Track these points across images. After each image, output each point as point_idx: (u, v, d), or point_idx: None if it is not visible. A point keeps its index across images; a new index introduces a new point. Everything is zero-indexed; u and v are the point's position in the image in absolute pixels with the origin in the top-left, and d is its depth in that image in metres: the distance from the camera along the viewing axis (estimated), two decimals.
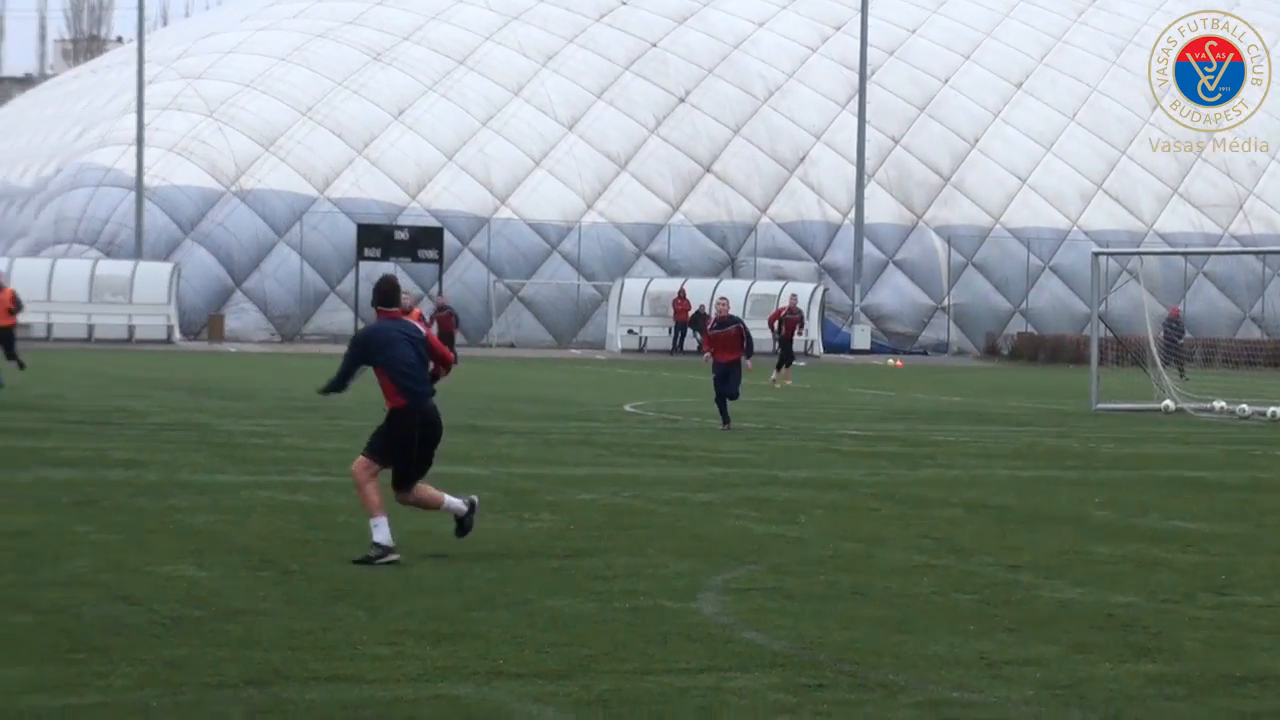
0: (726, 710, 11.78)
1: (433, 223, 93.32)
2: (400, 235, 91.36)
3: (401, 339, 16.54)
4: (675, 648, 13.88)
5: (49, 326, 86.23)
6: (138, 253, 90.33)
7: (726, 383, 37.49)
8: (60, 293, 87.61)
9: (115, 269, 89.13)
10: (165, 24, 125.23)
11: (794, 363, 72.41)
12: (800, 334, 35.16)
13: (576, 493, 25.28)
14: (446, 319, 58.63)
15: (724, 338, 37.91)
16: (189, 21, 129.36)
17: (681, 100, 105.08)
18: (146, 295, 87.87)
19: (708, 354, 40.20)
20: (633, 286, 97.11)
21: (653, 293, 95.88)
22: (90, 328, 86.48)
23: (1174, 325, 76.41)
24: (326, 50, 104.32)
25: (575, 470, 28.98)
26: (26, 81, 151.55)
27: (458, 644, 13.61)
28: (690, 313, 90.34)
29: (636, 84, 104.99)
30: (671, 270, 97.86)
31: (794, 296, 74.24)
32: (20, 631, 13.82)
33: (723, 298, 45.23)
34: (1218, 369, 71.61)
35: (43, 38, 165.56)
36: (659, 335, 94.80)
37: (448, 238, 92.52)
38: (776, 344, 65.88)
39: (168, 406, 40.65)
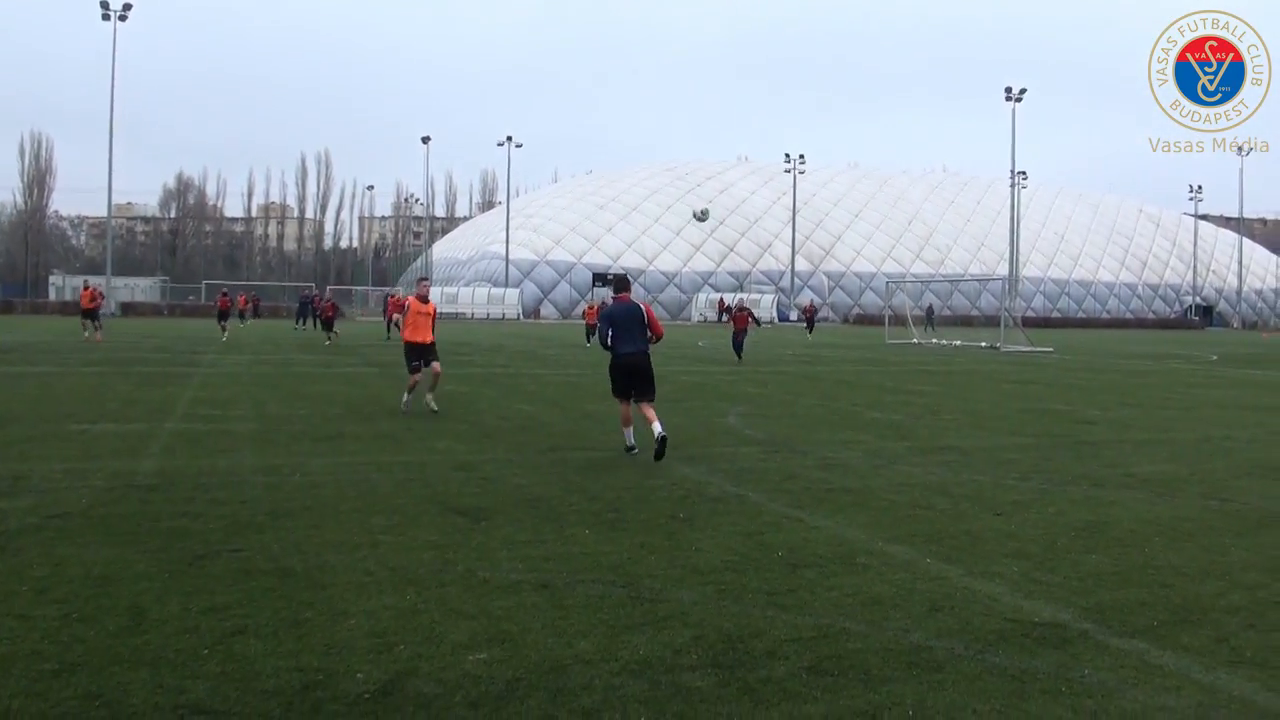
0: (740, 460, 11.86)
1: (622, 271, 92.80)
2: (609, 277, 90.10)
3: (626, 314, 12.39)
4: (718, 436, 13.94)
5: (472, 314, 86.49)
6: (505, 284, 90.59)
7: (739, 339, 32.95)
8: (476, 301, 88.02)
9: (497, 291, 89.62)
10: (518, 195, 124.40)
11: (765, 325, 72.28)
12: (755, 323, 30.11)
13: (680, 376, 24.80)
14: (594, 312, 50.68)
15: (739, 317, 33.74)
16: (527, 194, 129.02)
17: (721, 223, 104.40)
18: (509, 301, 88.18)
19: (729, 322, 36.65)
20: (701, 297, 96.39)
21: (710, 299, 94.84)
22: (488, 315, 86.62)
23: (930, 311, 75.53)
24: (581, 205, 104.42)
25: (679, 369, 28.25)
26: (465, 219, 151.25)
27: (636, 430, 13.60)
28: (723, 307, 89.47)
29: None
30: (716, 290, 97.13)
31: (741, 298, 72.37)
32: (461, 431, 14.00)
33: (741, 298, 41.35)
34: (939, 326, 70.55)
35: (470, 200, 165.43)
36: (713, 317, 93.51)
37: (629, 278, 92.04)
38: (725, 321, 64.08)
39: (517, 345, 40.54)
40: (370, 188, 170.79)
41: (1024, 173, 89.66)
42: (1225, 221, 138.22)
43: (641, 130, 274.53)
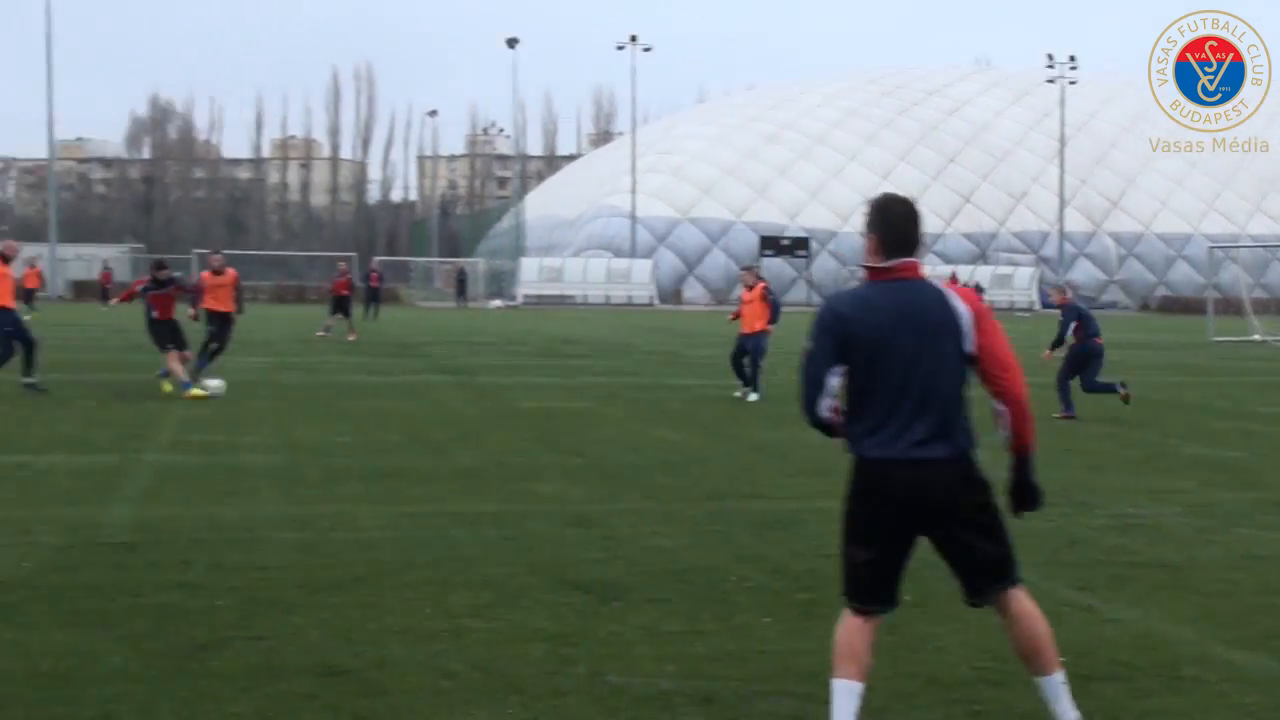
0: None
1: (803, 234, 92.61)
2: (785, 242, 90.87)
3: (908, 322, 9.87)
4: None
5: (585, 297, 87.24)
6: (632, 254, 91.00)
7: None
8: (590, 277, 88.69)
9: (620, 264, 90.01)
10: (647, 123, 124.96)
11: (1020, 312, 71.19)
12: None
13: None
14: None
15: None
16: (660, 122, 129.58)
17: (951, 161, 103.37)
18: (638, 278, 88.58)
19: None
20: (925, 272, 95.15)
21: (937, 274, 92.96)
22: (607, 298, 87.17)
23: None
24: (741, 136, 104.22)
25: None
26: (571, 158, 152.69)
27: (829, 478, 13.61)
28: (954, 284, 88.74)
29: (924, 152, 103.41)
30: (947, 261, 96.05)
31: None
32: (575, 468, 14.10)
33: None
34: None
35: (578, 131, 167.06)
36: None
37: (812, 243, 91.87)
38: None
39: (652, 342, 40.64)
40: (433, 114, 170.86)
41: None
42: None
43: (823, 28, 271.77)
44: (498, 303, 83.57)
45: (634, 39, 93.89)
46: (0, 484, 12.54)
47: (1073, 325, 20.54)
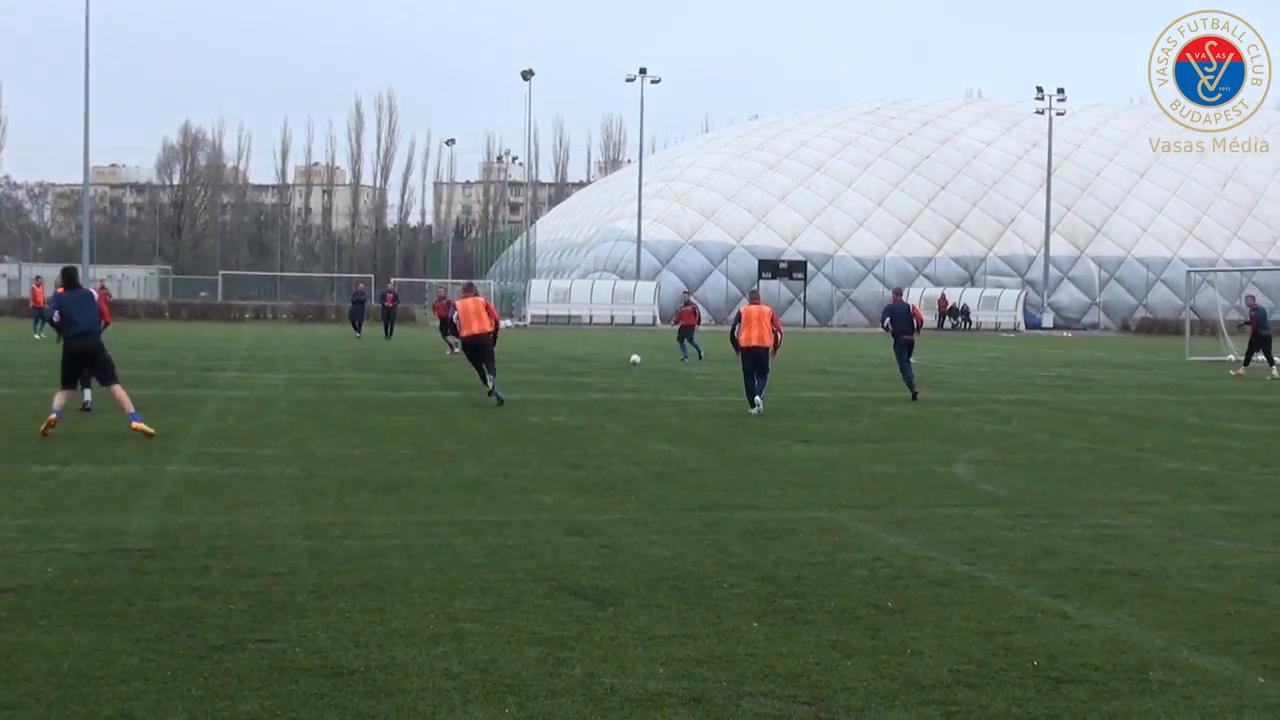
0: (973, 526, 11.76)
1: (800, 258, 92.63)
2: (783, 265, 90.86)
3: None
4: (941, 493, 13.83)
5: (590, 317, 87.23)
6: (637, 276, 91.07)
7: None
8: (596, 299, 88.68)
9: (625, 285, 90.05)
10: (654, 151, 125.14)
11: (1005, 332, 71.04)
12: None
13: (885, 407, 24.75)
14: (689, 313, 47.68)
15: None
16: (667, 150, 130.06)
17: (942, 188, 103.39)
18: (642, 299, 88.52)
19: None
20: (915, 294, 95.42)
21: (927, 296, 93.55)
22: (612, 317, 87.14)
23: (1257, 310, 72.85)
24: (742, 164, 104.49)
25: (885, 394, 28.26)
26: (580, 185, 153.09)
27: (817, 490, 13.64)
28: (946, 308, 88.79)
29: (917, 179, 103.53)
30: (936, 283, 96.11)
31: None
32: (577, 480, 14.13)
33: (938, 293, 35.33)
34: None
35: (588, 159, 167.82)
36: (930, 320, 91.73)
37: (809, 267, 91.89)
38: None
39: (655, 360, 40.58)
40: (450, 143, 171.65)
41: None
42: None
43: (825, 63, 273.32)
44: (507, 322, 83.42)
45: (643, 71, 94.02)
46: (28, 493, 12.61)
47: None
